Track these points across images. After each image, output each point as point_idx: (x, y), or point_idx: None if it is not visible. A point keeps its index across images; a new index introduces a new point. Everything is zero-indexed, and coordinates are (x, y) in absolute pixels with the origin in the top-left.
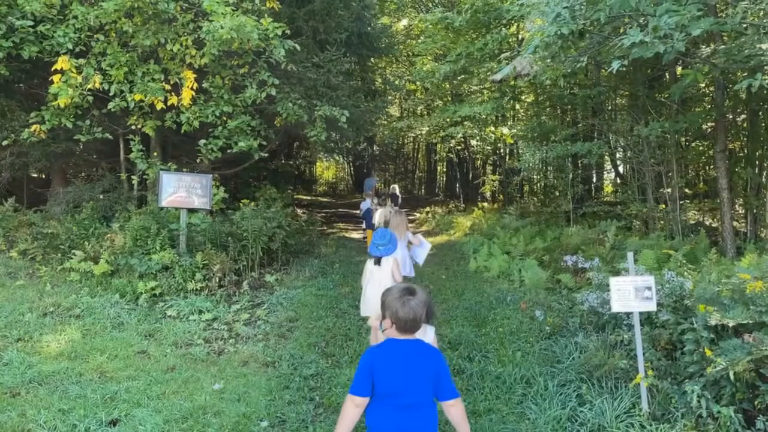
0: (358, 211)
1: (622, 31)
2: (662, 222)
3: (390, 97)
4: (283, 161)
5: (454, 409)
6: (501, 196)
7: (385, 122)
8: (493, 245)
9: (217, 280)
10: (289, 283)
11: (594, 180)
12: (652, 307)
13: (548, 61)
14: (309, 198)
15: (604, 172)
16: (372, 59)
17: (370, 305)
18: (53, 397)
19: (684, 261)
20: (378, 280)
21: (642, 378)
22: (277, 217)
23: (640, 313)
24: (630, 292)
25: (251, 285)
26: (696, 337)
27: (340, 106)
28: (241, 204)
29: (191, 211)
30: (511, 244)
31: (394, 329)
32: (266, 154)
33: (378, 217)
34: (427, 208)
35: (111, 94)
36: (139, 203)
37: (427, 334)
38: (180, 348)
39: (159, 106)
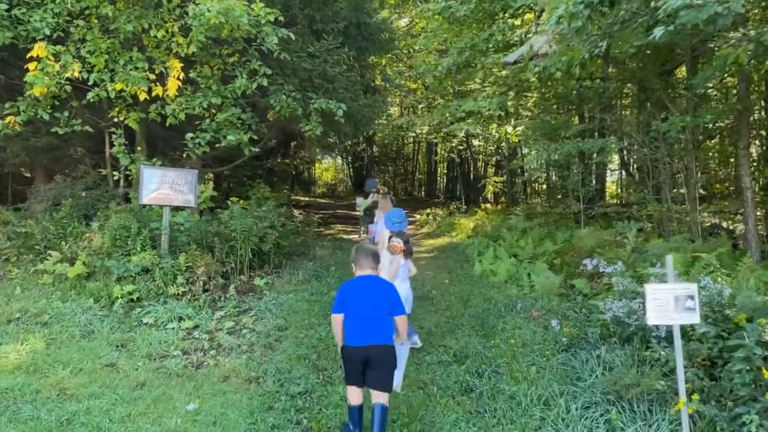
0: (357, 209)
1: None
2: (675, 224)
3: (390, 98)
4: (279, 160)
5: (398, 320)
6: (503, 197)
7: (385, 122)
8: (499, 248)
9: (201, 283)
10: (281, 288)
11: (594, 181)
12: (694, 319)
13: (569, 36)
14: (307, 199)
15: (608, 172)
16: (372, 56)
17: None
18: (1, 419)
19: (717, 265)
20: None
21: (685, 403)
22: (269, 216)
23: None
24: (669, 302)
25: (239, 289)
26: (747, 353)
27: (336, 99)
28: (229, 202)
29: (179, 209)
30: (519, 247)
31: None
32: (257, 149)
33: (369, 200)
34: (428, 210)
35: (90, 83)
36: (124, 201)
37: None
38: (154, 360)
39: (142, 96)
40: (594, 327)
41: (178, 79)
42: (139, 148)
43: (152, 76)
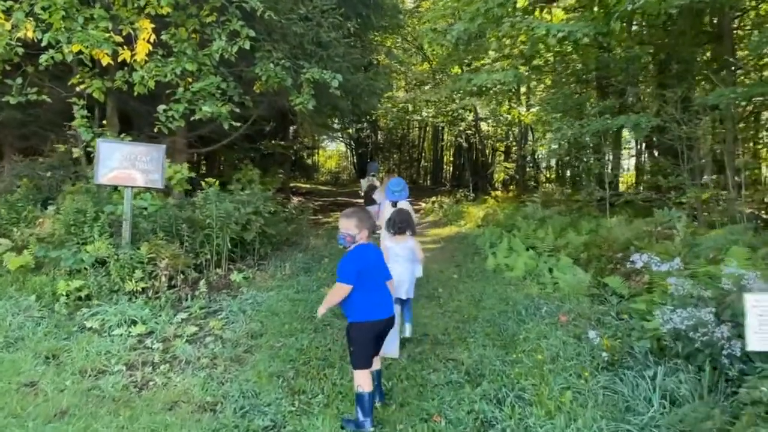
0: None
1: None
2: (716, 213)
3: (394, 82)
4: (274, 142)
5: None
6: (512, 185)
7: (390, 104)
8: (514, 239)
9: (165, 278)
10: (262, 283)
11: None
12: None
13: None
14: (308, 186)
15: (623, 153)
16: (374, 31)
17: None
18: None
19: None
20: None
21: None
22: (253, 201)
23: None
24: None
25: (212, 285)
26: None
27: (332, 69)
28: (203, 183)
29: (149, 191)
30: (537, 238)
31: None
32: (241, 126)
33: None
34: (434, 198)
35: (43, 44)
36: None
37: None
38: (87, 378)
39: (105, 61)
40: (642, 339)
41: (148, 42)
42: (103, 122)
43: (118, 39)
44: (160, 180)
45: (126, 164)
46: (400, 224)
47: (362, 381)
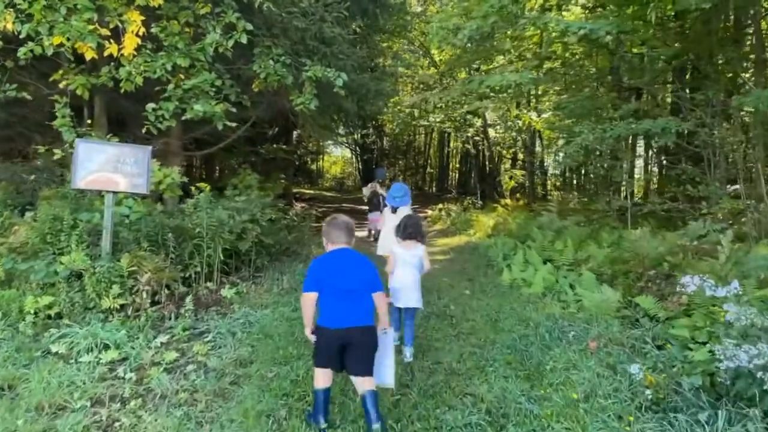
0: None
1: None
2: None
3: (401, 87)
4: (275, 146)
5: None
6: (519, 193)
7: (396, 108)
8: (530, 251)
9: (148, 294)
10: (256, 299)
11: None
12: None
13: None
14: (312, 192)
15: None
16: (381, 31)
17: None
18: None
19: None
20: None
21: None
22: (250, 208)
23: None
24: None
25: (201, 301)
26: None
27: (336, 67)
28: (193, 189)
29: (133, 197)
30: (555, 250)
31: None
32: (234, 124)
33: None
34: (440, 205)
35: (22, 37)
36: None
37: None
38: (43, 415)
39: (90, 55)
40: (693, 375)
41: (137, 35)
42: (89, 122)
43: (105, 32)
44: (145, 185)
45: (108, 167)
46: (410, 229)
47: (315, 376)
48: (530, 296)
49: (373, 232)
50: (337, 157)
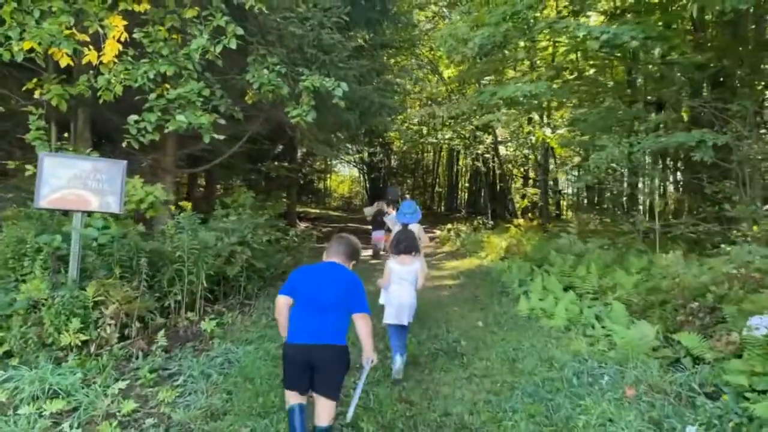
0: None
1: None
2: None
3: (408, 104)
4: (276, 164)
5: (359, 320)
6: (531, 212)
7: (404, 125)
8: (548, 276)
9: (114, 328)
10: (240, 332)
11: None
12: None
13: None
14: (318, 211)
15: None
16: (387, 50)
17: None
18: None
19: None
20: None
21: None
22: (240, 228)
23: None
24: None
25: (177, 335)
26: None
27: (336, 76)
28: (172, 208)
29: (111, 217)
30: (576, 276)
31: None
32: (223, 137)
33: (372, 209)
34: (449, 225)
35: None
36: None
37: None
38: None
39: (65, 62)
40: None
41: (119, 41)
42: (65, 135)
43: (83, 37)
44: (117, 203)
45: (76, 183)
46: (404, 243)
47: (285, 396)
48: (551, 330)
49: (380, 250)
50: (345, 176)
